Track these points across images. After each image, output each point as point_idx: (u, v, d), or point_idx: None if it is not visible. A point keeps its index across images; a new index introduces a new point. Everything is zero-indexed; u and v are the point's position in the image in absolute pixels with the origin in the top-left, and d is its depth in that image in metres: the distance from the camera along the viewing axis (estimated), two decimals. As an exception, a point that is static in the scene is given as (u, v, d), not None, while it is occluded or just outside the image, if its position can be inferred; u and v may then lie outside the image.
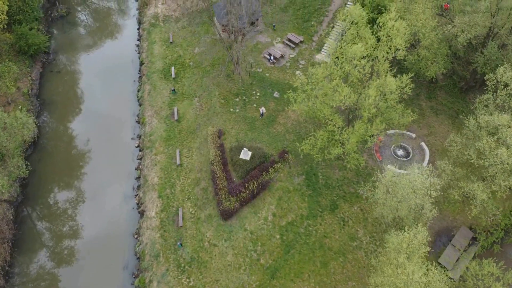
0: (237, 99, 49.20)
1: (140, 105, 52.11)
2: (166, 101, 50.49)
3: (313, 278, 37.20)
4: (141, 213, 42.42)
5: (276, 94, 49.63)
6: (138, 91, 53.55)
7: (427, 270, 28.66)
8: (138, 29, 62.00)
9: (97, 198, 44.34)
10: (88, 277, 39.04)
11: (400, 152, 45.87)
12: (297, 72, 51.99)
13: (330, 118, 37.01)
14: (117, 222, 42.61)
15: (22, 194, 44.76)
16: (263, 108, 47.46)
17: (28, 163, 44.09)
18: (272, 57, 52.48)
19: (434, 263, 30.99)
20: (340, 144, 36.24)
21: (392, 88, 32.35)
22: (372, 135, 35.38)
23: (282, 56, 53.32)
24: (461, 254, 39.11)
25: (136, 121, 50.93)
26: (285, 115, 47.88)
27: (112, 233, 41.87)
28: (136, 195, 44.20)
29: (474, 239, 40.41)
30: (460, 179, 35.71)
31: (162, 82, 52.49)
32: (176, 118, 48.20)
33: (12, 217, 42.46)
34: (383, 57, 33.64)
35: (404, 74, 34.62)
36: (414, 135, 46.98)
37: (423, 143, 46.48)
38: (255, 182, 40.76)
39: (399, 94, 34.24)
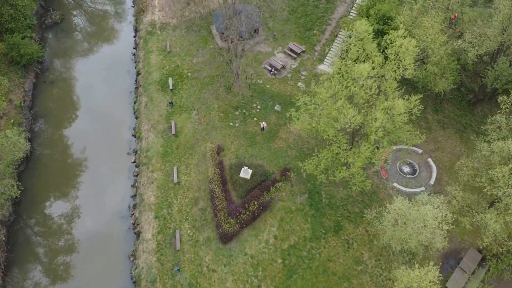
0: (237, 113, 47.48)
1: (136, 118, 50.37)
2: (163, 114, 48.75)
3: (316, 305, 35.70)
4: (137, 234, 40.85)
5: (277, 107, 47.90)
6: (135, 103, 51.79)
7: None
8: (135, 36, 60.09)
9: (92, 217, 42.76)
10: (82, 303, 37.54)
11: (406, 169, 44.24)
12: (299, 83, 50.23)
13: (335, 139, 35.34)
14: (113, 243, 41.06)
15: (15, 213, 43.15)
16: (263, 122, 45.76)
17: (20, 183, 42.47)
18: (273, 69, 50.67)
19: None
20: (345, 167, 34.56)
21: (401, 111, 30.61)
22: (378, 159, 33.72)
23: (283, 67, 51.52)
24: (469, 279, 37.64)
25: (133, 135, 49.22)
26: (287, 130, 46.18)
27: (107, 254, 40.32)
28: (132, 214, 42.61)
29: (483, 260, 38.91)
30: (471, 205, 34.07)
31: (159, 94, 50.71)
32: (173, 132, 46.49)
33: (4, 238, 40.87)
34: (391, 76, 31.87)
35: (413, 95, 32.85)
36: (420, 151, 45.32)
37: (430, 159, 44.85)
38: (255, 203, 39.15)
39: (407, 116, 32.54)
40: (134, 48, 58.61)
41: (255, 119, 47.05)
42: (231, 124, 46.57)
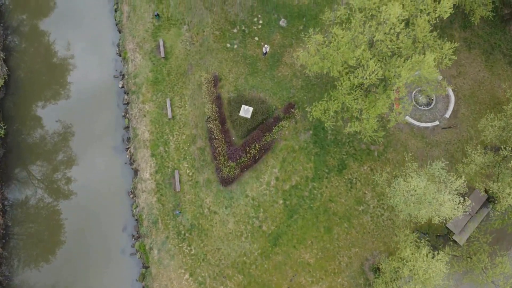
0: (235, 30, 40.98)
1: (119, 31, 43.65)
2: (149, 30, 42.09)
3: (316, 244, 36.76)
4: (135, 171, 39.49)
5: (282, 22, 41.15)
6: (116, 11, 44.21)
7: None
8: None
9: (84, 151, 40.64)
10: (88, 239, 38.39)
11: (421, 99, 40.47)
12: (309, -11, 42.07)
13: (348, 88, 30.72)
14: (110, 179, 39.90)
15: (3, 147, 40.81)
16: (266, 46, 39.85)
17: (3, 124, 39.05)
18: (278, -31, 41.74)
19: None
20: (356, 120, 31.00)
21: (430, 67, 25.63)
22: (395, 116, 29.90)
23: (290, -34, 42.40)
24: (470, 218, 38.00)
25: (117, 53, 43.40)
26: (293, 53, 40.57)
27: (106, 191, 39.59)
28: (127, 148, 40.44)
29: (487, 201, 38.71)
30: (491, 167, 31.75)
31: (143, 1, 42.88)
32: (163, 54, 40.83)
33: (-4, 173, 39.54)
34: (424, 20, 25.76)
35: (448, 42, 27.20)
36: (440, 77, 40.70)
37: (449, 89, 40.69)
38: (257, 145, 36.76)
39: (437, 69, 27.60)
40: None
41: (256, 38, 40.87)
42: (228, 45, 40.63)
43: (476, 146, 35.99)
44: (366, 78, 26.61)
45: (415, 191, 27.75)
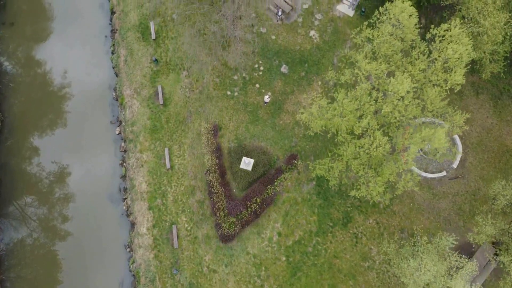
0: (235, 77, 39.81)
1: (116, 75, 42.48)
2: (147, 75, 40.92)
3: (319, 303, 35.30)
4: (132, 224, 38.13)
5: (284, 69, 39.99)
6: (112, 53, 43.08)
7: None
8: (102, -50, 46.85)
9: (81, 204, 39.31)
10: (83, 295, 36.98)
11: (429, 148, 39.13)
12: (312, 32, 41.01)
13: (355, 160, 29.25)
14: (107, 231, 38.55)
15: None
16: (268, 94, 38.68)
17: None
18: (280, 12, 40.67)
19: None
20: (364, 185, 29.68)
21: (441, 141, 24.40)
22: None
23: (292, 9, 41.35)
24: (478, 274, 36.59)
25: (114, 98, 42.18)
26: (295, 100, 39.42)
27: (102, 244, 38.24)
28: (124, 199, 39.11)
29: (496, 255, 37.31)
30: (503, 235, 30.43)
31: (141, 45, 41.77)
32: (161, 101, 39.62)
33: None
34: (434, 92, 24.53)
35: (459, 112, 25.96)
36: (446, 125, 39.46)
37: (456, 136, 39.43)
38: (258, 199, 35.44)
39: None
40: (104, -31, 46.28)
41: (257, 85, 39.68)
42: (228, 93, 39.43)
43: (486, 214, 34.47)
44: (373, 150, 25.38)
45: (425, 274, 26.36)
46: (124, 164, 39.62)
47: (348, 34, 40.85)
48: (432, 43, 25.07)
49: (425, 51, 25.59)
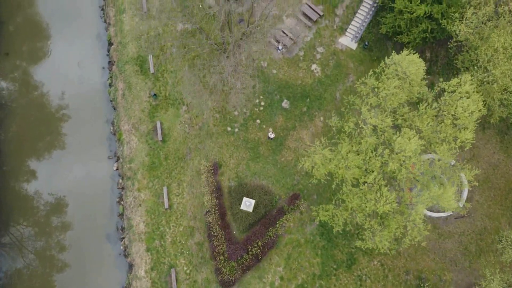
0: (236, 113, 38.91)
1: (114, 108, 41.54)
2: (145, 110, 40.00)
3: None
4: (129, 265, 37.09)
5: (285, 104, 39.09)
6: (110, 85, 42.14)
7: None
8: (100, -21, 46.05)
9: (78, 242, 38.33)
10: None
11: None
12: (313, 66, 40.15)
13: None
14: (104, 272, 37.58)
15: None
16: (270, 130, 37.79)
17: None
18: (280, 46, 39.84)
19: None
20: (369, 237, 28.65)
21: (450, 200, 23.48)
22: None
23: (294, 43, 40.49)
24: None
25: (111, 132, 41.22)
26: (296, 136, 38.52)
27: (100, 284, 37.25)
28: (122, 238, 38.09)
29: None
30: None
31: (139, 79, 40.87)
32: (160, 138, 38.68)
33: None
34: (444, 150, 23.63)
35: (468, 167, 25.02)
36: (453, 162, 38.51)
37: (462, 175, 38.42)
38: (259, 243, 34.43)
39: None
40: (102, -1, 45.44)
41: (258, 121, 38.77)
42: (229, 129, 38.51)
43: (495, 269, 33.37)
44: (380, 207, 24.46)
45: None
46: (122, 202, 38.63)
47: (351, 68, 40.03)
48: (441, 97, 24.20)
49: (433, 106, 24.68)
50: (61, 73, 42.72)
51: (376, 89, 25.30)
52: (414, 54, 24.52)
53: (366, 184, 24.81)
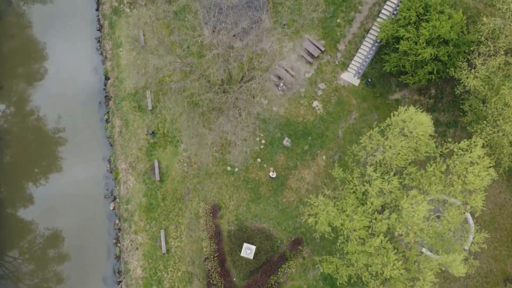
0: (236, 152, 37.85)
1: (110, 145, 40.52)
2: (143, 148, 38.99)
3: None
4: (126, 311, 36.00)
5: (286, 142, 38.11)
6: (107, 122, 41.13)
7: None
8: (97, 9, 45.13)
9: (75, 285, 37.26)
10: None
11: (439, 227, 37.15)
12: (315, 103, 39.22)
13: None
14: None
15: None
16: (271, 169, 36.80)
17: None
18: (282, 84, 38.91)
19: None
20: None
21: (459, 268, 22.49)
22: None
23: (295, 79, 39.53)
24: None
25: (108, 170, 40.18)
26: (298, 175, 37.51)
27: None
28: (119, 282, 36.98)
29: None
30: None
31: (136, 116, 39.89)
32: (158, 177, 37.64)
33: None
34: (454, 214, 22.66)
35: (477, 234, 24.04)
36: (459, 202, 37.51)
37: (468, 215, 37.45)
38: (260, 291, 33.36)
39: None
40: (98, 30, 44.50)
41: (259, 159, 37.77)
42: (229, 168, 37.51)
43: None
44: (387, 272, 23.45)
45: None
46: (119, 244, 37.56)
47: (353, 104, 39.10)
48: (451, 158, 23.25)
49: (442, 167, 23.76)
50: (56, 107, 41.83)
51: (382, 147, 24.37)
52: (421, 112, 23.56)
53: (372, 247, 23.84)
